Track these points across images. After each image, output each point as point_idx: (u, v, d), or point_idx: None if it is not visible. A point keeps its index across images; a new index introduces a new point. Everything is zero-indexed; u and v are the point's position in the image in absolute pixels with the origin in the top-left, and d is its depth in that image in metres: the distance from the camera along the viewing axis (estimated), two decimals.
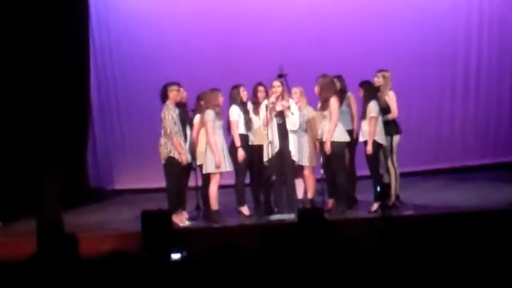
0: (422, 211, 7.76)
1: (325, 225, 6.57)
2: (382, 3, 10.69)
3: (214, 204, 7.86)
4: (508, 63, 10.72)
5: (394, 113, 7.90)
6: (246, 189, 8.22)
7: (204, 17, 10.82)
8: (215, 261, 4.62)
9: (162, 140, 7.80)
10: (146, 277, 4.66)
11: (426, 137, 10.17)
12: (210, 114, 7.79)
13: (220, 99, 7.96)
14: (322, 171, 7.97)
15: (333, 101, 7.72)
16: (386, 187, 7.77)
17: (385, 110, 7.87)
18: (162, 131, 7.79)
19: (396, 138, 7.94)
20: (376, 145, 7.75)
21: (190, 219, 8.07)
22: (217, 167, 7.77)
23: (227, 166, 7.86)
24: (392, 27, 10.69)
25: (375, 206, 7.80)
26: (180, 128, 7.84)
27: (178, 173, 7.85)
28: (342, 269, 4.54)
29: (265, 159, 7.89)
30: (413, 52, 10.69)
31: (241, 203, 8.18)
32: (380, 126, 7.79)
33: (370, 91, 7.85)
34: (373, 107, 7.73)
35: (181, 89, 8.04)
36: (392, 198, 7.85)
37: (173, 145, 7.71)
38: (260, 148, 8.01)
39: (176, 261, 5.97)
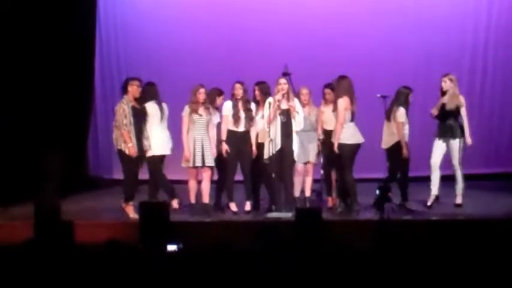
0: (421, 216, 7.74)
1: (322, 225, 6.58)
2: (390, 8, 10.68)
3: (205, 198, 8.02)
4: None
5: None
6: (242, 186, 8.21)
7: (211, 12, 10.84)
8: (209, 255, 4.62)
9: (114, 134, 7.86)
10: (141, 267, 4.66)
11: (429, 144, 10.16)
12: (185, 109, 7.95)
13: (200, 95, 7.93)
14: (322, 171, 7.95)
15: (340, 102, 7.69)
16: (386, 190, 7.73)
17: (454, 113, 8.13)
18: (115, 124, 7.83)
19: (456, 142, 8.11)
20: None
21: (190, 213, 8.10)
22: (186, 161, 7.90)
23: (197, 161, 7.90)
24: (399, 32, 10.70)
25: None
26: (132, 122, 7.81)
27: (128, 164, 7.86)
28: (336, 269, 4.53)
29: (265, 156, 7.82)
30: (418, 60, 10.73)
31: (230, 198, 8.19)
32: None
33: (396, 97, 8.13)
34: None
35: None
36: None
37: (122, 136, 7.74)
38: (260, 146, 7.98)
39: (172, 252, 5.98)
